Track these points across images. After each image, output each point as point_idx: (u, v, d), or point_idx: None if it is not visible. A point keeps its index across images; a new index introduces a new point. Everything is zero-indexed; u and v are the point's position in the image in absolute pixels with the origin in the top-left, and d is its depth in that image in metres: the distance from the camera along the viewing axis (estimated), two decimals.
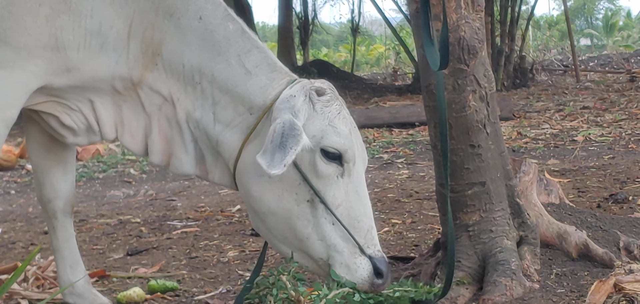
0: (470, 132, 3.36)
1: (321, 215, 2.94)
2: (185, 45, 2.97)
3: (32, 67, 2.85)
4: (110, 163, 9.00)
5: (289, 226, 2.98)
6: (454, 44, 3.34)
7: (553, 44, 28.16)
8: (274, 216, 2.98)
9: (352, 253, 2.96)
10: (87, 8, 2.88)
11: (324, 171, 2.93)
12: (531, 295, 3.21)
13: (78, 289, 3.38)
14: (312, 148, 2.91)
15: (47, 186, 3.30)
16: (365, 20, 28.42)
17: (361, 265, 2.97)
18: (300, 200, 2.94)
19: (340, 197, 2.96)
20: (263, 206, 2.99)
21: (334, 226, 2.95)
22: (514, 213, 3.44)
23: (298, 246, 3.00)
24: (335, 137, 2.93)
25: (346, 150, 2.94)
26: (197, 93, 3.01)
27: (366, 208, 3.01)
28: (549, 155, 7.74)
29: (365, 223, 2.99)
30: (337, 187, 2.95)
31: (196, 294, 3.77)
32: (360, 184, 3.02)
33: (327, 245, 2.96)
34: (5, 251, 5.06)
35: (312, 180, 2.93)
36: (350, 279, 2.96)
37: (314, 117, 2.94)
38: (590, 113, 10.67)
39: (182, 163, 3.10)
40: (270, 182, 2.93)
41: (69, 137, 3.10)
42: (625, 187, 5.58)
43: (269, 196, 2.96)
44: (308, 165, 2.93)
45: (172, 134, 3.07)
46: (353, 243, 2.96)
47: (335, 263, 2.96)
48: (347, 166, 2.96)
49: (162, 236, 5.18)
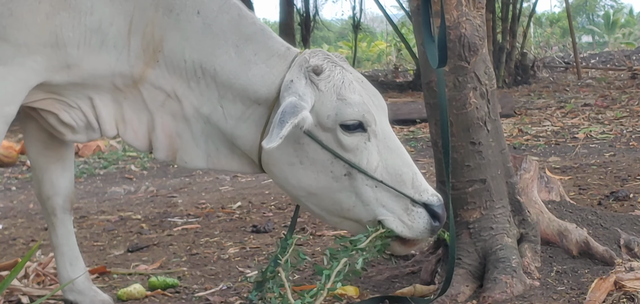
0: (471, 129, 3.36)
1: (362, 184, 2.92)
2: (185, 41, 2.97)
3: (32, 63, 2.85)
4: (111, 159, 9.00)
5: (332, 202, 2.97)
6: (455, 41, 3.33)
7: (554, 41, 28.15)
8: (316, 197, 2.98)
9: (405, 208, 2.94)
10: (87, 5, 2.87)
11: (351, 144, 2.91)
12: (531, 293, 3.21)
13: (78, 285, 3.38)
14: (331, 128, 2.90)
15: (46, 183, 3.30)
16: (367, 17, 28.47)
17: (417, 217, 2.93)
18: (338, 175, 2.93)
19: (375, 160, 2.93)
20: (303, 191, 2.98)
21: (377, 189, 2.92)
22: (514, 210, 3.44)
23: (345, 216, 2.99)
24: (349, 109, 2.91)
25: (363, 115, 2.92)
26: (202, 88, 3.00)
27: (403, 157, 2.97)
28: (549, 152, 7.73)
29: (407, 173, 2.95)
30: (369, 152, 2.93)
31: (197, 291, 3.77)
32: (388, 137, 2.98)
33: (376, 208, 2.93)
34: (5, 247, 5.06)
35: (343, 155, 2.91)
36: (407, 234, 2.93)
37: (321, 98, 2.92)
38: (592, 110, 10.66)
39: (193, 157, 3.09)
40: (304, 167, 2.94)
41: (67, 134, 3.09)
42: (626, 185, 5.57)
43: (307, 180, 2.95)
44: (334, 143, 2.92)
45: (178, 130, 3.06)
46: (403, 197, 2.93)
47: (389, 221, 2.93)
48: (370, 129, 2.93)
49: (163, 232, 5.18)
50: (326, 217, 3.06)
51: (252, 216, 5.49)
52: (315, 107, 2.91)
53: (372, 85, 3.07)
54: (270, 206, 5.82)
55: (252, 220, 5.33)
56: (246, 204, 5.96)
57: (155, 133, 3.07)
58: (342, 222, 3.04)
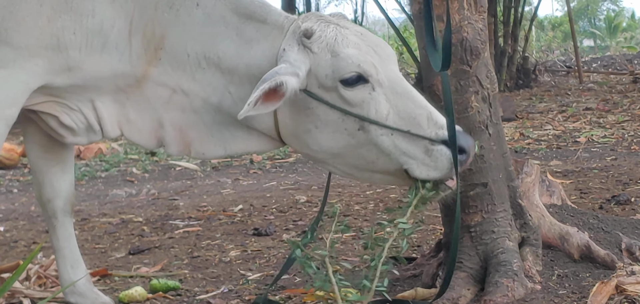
0: (473, 132, 3.36)
1: (377, 135, 2.88)
2: (187, 35, 2.95)
3: (33, 66, 2.85)
4: (113, 162, 9.01)
5: (356, 158, 2.93)
6: (457, 44, 3.34)
7: (556, 45, 28.17)
8: (340, 157, 2.95)
9: (425, 150, 2.89)
10: (88, 8, 2.87)
11: (355, 98, 2.87)
12: (533, 296, 3.21)
13: (79, 288, 3.38)
14: (333, 86, 2.87)
15: (47, 186, 3.30)
16: (369, 20, 28.44)
17: (439, 155, 2.88)
18: (352, 132, 2.89)
19: (384, 108, 2.88)
20: (326, 154, 2.95)
21: (393, 136, 2.88)
22: (516, 214, 3.44)
23: (373, 169, 2.95)
24: (343, 63, 2.86)
25: (359, 65, 2.86)
26: (208, 78, 2.98)
27: (414, 99, 2.92)
28: (551, 156, 7.73)
29: (421, 114, 2.90)
30: (376, 102, 2.88)
31: (198, 293, 3.77)
32: (396, 83, 2.93)
33: (398, 157, 2.89)
34: (7, 249, 5.07)
35: (350, 111, 2.87)
36: (434, 175, 2.89)
37: (316, 59, 2.88)
38: (593, 114, 10.66)
39: (210, 148, 3.06)
40: (320, 131, 2.91)
41: (68, 137, 3.09)
42: (627, 189, 5.57)
43: (326, 143, 2.92)
44: (340, 100, 2.88)
45: (189, 123, 3.03)
46: (420, 139, 2.88)
47: (413, 168, 2.90)
48: (372, 79, 2.88)
49: (164, 235, 5.18)
50: (357, 175, 3.02)
51: (254, 219, 5.49)
52: (312, 70, 2.87)
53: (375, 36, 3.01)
54: (272, 210, 5.82)
55: (254, 223, 5.33)
56: (247, 207, 5.96)
57: (164, 129, 3.04)
58: (373, 176, 3.00)
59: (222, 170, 8.16)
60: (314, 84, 2.88)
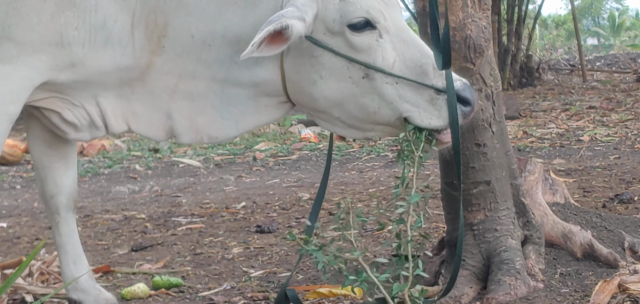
0: (476, 130, 3.36)
1: (382, 83, 2.86)
2: (190, 16, 2.92)
3: (36, 62, 2.85)
4: (116, 159, 9.01)
5: (358, 108, 2.90)
6: (461, 42, 3.33)
7: (560, 43, 28.15)
8: (343, 107, 2.91)
9: (430, 99, 2.88)
10: (91, 3, 2.87)
11: (362, 43, 2.85)
12: (535, 295, 3.21)
13: (82, 284, 3.37)
14: (340, 31, 2.85)
15: (49, 182, 3.29)
16: None
17: (444, 104, 2.87)
18: (356, 80, 2.87)
19: (391, 56, 2.87)
20: (331, 105, 2.92)
21: (398, 85, 2.87)
22: (519, 212, 3.44)
23: (374, 120, 2.93)
24: (351, 7, 2.84)
25: (367, 11, 2.84)
26: (214, 54, 2.94)
27: (420, 48, 2.91)
28: (554, 154, 7.72)
29: (427, 62, 2.88)
30: (382, 48, 2.86)
31: (200, 290, 3.77)
32: (402, 31, 2.91)
33: (400, 105, 2.88)
34: (10, 245, 5.07)
35: (356, 57, 2.85)
36: (437, 124, 2.88)
37: (324, 3, 2.86)
38: (597, 113, 10.64)
39: (222, 130, 3.04)
40: (324, 81, 2.88)
41: (71, 133, 3.08)
42: (630, 187, 5.56)
43: (330, 93, 2.89)
44: (346, 47, 2.86)
45: (198, 109, 3.01)
46: (426, 88, 2.87)
47: (416, 117, 2.88)
48: (380, 26, 2.86)
49: (167, 232, 5.19)
50: (357, 128, 2.99)
51: (256, 216, 5.49)
52: (320, 15, 2.85)
53: None
54: (275, 207, 5.82)
55: (256, 220, 5.34)
56: (250, 204, 5.96)
57: (174, 119, 3.02)
58: (373, 129, 2.98)
59: (225, 167, 8.16)
60: (320, 30, 2.86)
